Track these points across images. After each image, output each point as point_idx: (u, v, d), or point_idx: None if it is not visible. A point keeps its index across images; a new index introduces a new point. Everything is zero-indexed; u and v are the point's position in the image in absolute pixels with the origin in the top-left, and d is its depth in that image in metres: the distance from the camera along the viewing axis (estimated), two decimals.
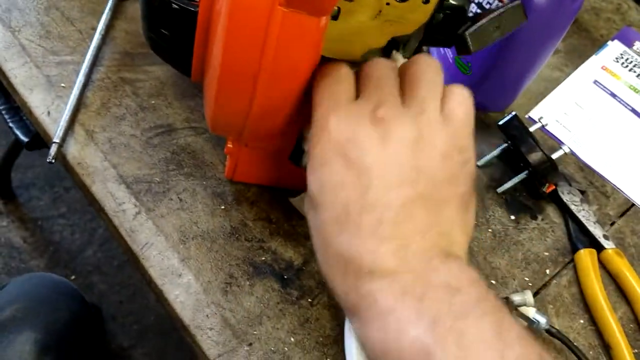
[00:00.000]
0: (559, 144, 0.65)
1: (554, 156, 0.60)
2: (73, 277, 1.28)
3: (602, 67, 0.82)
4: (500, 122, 0.61)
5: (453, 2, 0.46)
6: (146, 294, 1.24)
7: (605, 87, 0.79)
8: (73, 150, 0.51)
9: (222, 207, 0.52)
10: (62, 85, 0.55)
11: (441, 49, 0.69)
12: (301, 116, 0.46)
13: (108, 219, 0.49)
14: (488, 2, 0.60)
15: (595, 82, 0.79)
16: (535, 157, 0.59)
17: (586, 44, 0.85)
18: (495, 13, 0.46)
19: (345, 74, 0.41)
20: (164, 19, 0.42)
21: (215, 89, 0.40)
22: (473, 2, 0.62)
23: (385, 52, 0.55)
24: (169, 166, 0.53)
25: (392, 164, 0.34)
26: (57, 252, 1.28)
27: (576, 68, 0.80)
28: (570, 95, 0.76)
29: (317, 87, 0.40)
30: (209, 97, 0.43)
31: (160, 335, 1.20)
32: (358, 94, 0.39)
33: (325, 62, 0.41)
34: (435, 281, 0.32)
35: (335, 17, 0.44)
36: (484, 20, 0.45)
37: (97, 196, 0.49)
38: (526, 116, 0.70)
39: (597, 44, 0.85)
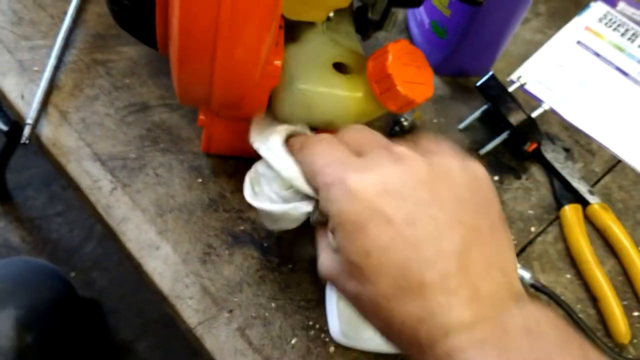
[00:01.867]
0: (540, 103, 0.65)
1: (534, 114, 0.60)
2: (73, 274, 1.29)
3: (585, 28, 0.81)
4: (478, 84, 0.60)
5: None
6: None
7: (588, 46, 0.78)
8: (47, 132, 0.51)
9: (200, 180, 0.52)
10: (35, 69, 0.55)
11: (418, 15, 0.68)
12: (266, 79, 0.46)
13: (84, 197, 0.49)
14: None
15: (579, 42, 0.78)
16: (515, 116, 0.59)
17: (569, 6, 0.84)
18: None
19: (332, 138, 0.38)
20: None
21: (176, 52, 0.39)
22: None
23: (357, 17, 0.55)
24: (144, 143, 0.53)
25: (433, 204, 0.31)
26: (55, 249, 1.29)
27: (559, 30, 0.79)
28: (553, 57, 0.75)
29: (312, 161, 0.37)
30: (172, 64, 0.42)
31: (164, 327, 1.20)
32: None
33: (306, 138, 0.41)
34: (514, 326, 0.29)
35: None
36: None
37: (72, 174, 0.49)
38: (507, 79, 0.70)
39: (580, 6, 0.84)
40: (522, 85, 0.64)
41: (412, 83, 0.46)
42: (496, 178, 0.60)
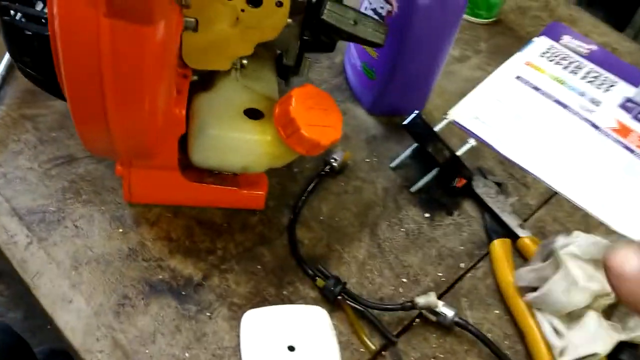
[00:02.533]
0: (478, 139, 0.65)
1: (460, 152, 0.60)
2: (49, 326, 1.27)
3: (526, 63, 0.82)
4: (405, 123, 0.61)
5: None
6: None
7: (528, 81, 0.79)
8: None
9: (120, 230, 0.52)
10: None
11: (352, 58, 0.70)
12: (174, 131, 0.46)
13: (1, 253, 0.49)
14: (381, 7, 0.61)
15: (518, 77, 0.80)
16: (440, 154, 0.59)
17: (511, 42, 0.86)
18: (361, 11, 0.47)
19: None
20: (22, 46, 0.43)
21: (69, 105, 0.40)
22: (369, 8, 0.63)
23: (278, 63, 0.56)
24: (66, 195, 0.53)
25: None
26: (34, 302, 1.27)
27: (499, 67, 0.81)
28: (491, 92, 0.76)
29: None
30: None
31: None
32: None
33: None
34: None
35: (195, 29, 0.45)
36: (347, 7, 0.45)
37: None
38: (442, 116, 0.71)
39: (523, 42, 0.86)
40: (450, 122, 0.65)
41: (318, 126, 0.47)
42: (427, 215, 0.60)
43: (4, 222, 0.50)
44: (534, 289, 0.52)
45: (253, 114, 0.50)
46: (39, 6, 0.44)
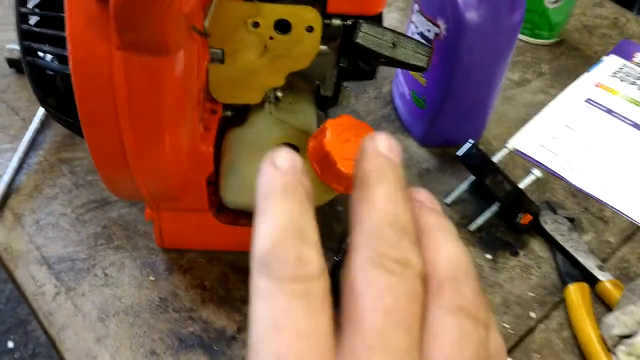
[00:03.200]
0: (545, 171, 0.58)
1: (523, 184, 0.54)
2: None
3: (596, 85, 0.75)
4: (459, 153, 0.55)
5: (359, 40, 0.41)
6: None
7: (600, 104, 0.72)
8: (0, 237, 0.50)
9: (152, 278, 0.49)
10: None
11: (400, 86, 0.65)
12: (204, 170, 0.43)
13: (28, 303, 0.47)
14: (428, 30, 0.56)
15: (589, 100, 0.72)
16: (501, 188, 0.53)
17: (577, 64, 0.79)
18: (401, 33, 0.43)
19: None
20: (45, 87, 0.41)
21: (88, 147, 0.37)
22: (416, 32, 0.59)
23: (317, 94, 0.52)
24: (98, 241, 0.51)
25: None
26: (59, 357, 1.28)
27: (564, 90, 0.74)
28: (557, 118, 0.69)
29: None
30: None
31: None
32: None
33: None
34: None
35: (221, 61, 0.42)
36: (385, 29, 0.41)
37: (19, 280, 0.48)
38: (505, 145, 0.64)
39: (590, 62, 0.79)
40: (511, 152, 0.59)
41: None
42: (489, 256, 0.53)
43: (33, 271, 0.48)
44: (621, 340, 0.44)
45: None
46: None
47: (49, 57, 0.43)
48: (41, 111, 0.59)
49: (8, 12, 0.72)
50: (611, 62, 0.79)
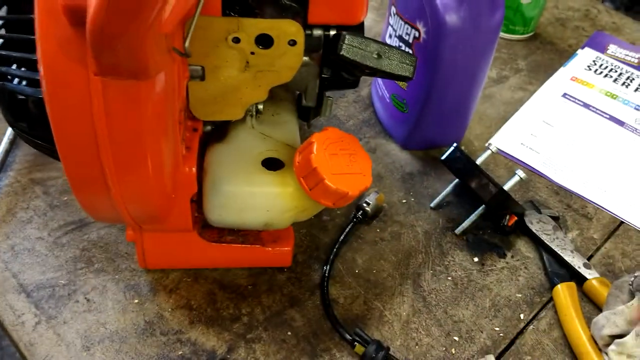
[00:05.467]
0: (527, 169, 0.58)
1: (507, 186, 0.53)
2: None
3: (571, 79, 0.75)
4: (442, 157, 0.55)
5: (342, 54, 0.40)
6: None
7: (576, 98, 0.72)
8: None
9: (136, 300, 0.47)
10: None
11: (379, 90, 0.64)
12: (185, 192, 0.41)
13: (8, 334, 0.45)
14: (407, 34, 0.56)
15: (565, 95, 0.73)
16: (485, 190, 0.53)
17: (552, 57, 0.79)
18: (385, 43, 0.42)
19: None
20: (16, 111, 0.39)
21: (65, 172, 0.36)
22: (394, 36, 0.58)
23: (298, 104, 0.51)
24: (77, 265, 0.49)
25: None
26: None
27: (542, 85, 0.74)
28: (536, 114, 0.69)
29: None
30: None
31: None
32: None
33: None
34: None
35: (202, 78, 0.40)
36: (368, 39, 0.40)
37: None
38: (486, 144, 0.64)
39: (565, 55, 0.79)
40: (502, 152, 0.59)
41: (344, 174, 0.41)
42: (476, 259, 0.53)
43: (10, 300, 0.46)
44: (611, 340, 0.45)
45: (272, 164, 0.45)
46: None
47: (15, 68, 0.41)
48: (9, 130, 0.57)
49: None
50: (585, 55, 0.80)
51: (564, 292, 0.50)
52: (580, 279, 0.51)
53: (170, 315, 0.47)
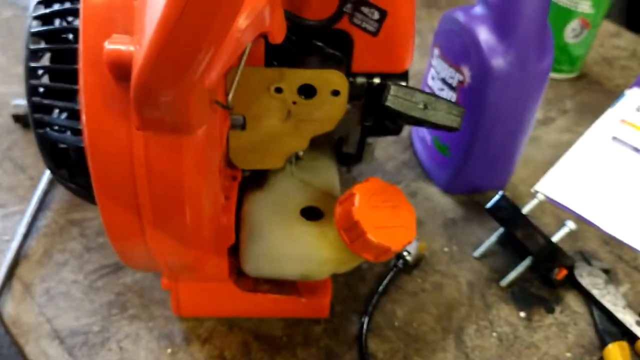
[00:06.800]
0: (577, 218, 0.55)
1: (556, 238, 0.51)
2: None
3: (621, 121, 0.72)
4: (488, 206, 0.53)
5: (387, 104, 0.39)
6: None
7: (626, 142, 0.69)
8: (9, 309, 0.48)
9: (169, 350, 0.46)
10: (6, 238, 0.52)
11: (420, 132, 0.63)
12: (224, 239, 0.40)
13: None
14: (451, 77, 0.54)
15: (615, 138, 0.70)
16: (533, 241, 0.50)
17: (599, 98, 0.76)
18: (431, 93, 0.40)
19: None
20: (57, 160, 0.39)
21: (102, 221, 0.35)
22: (436, 78, 0.57)
23: (337, 149, 0.50)
24: (112, 310, 0.48)
25: None
26: None
27: (589, 127, 0.71)
28: (584, 158, 0.67)
29: None
30: None
31: None
32: None
33: None
34: None
35: (243, 127, 0.40)
36: (414, 89, 0.39)
37: (29, 357, 0.45)
38: (532, 190, 0.62)
39: (613, 96, 0.76)
40: (550, 199, 0.56)
41: (387, 227, 0.39)
42: (523, 314, 0.51)
43: (44, 346, 0.45)
44: None
45: (311, 213, 0.44)
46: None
47: (57, 115, 0.41)
48: (48, 171, 0.57)
49: (11, 63, 0.71)
50: (634, 96, 0.77)
51: (615, 352, 0.47)
52: (632, 338, 0.48)
53: None
